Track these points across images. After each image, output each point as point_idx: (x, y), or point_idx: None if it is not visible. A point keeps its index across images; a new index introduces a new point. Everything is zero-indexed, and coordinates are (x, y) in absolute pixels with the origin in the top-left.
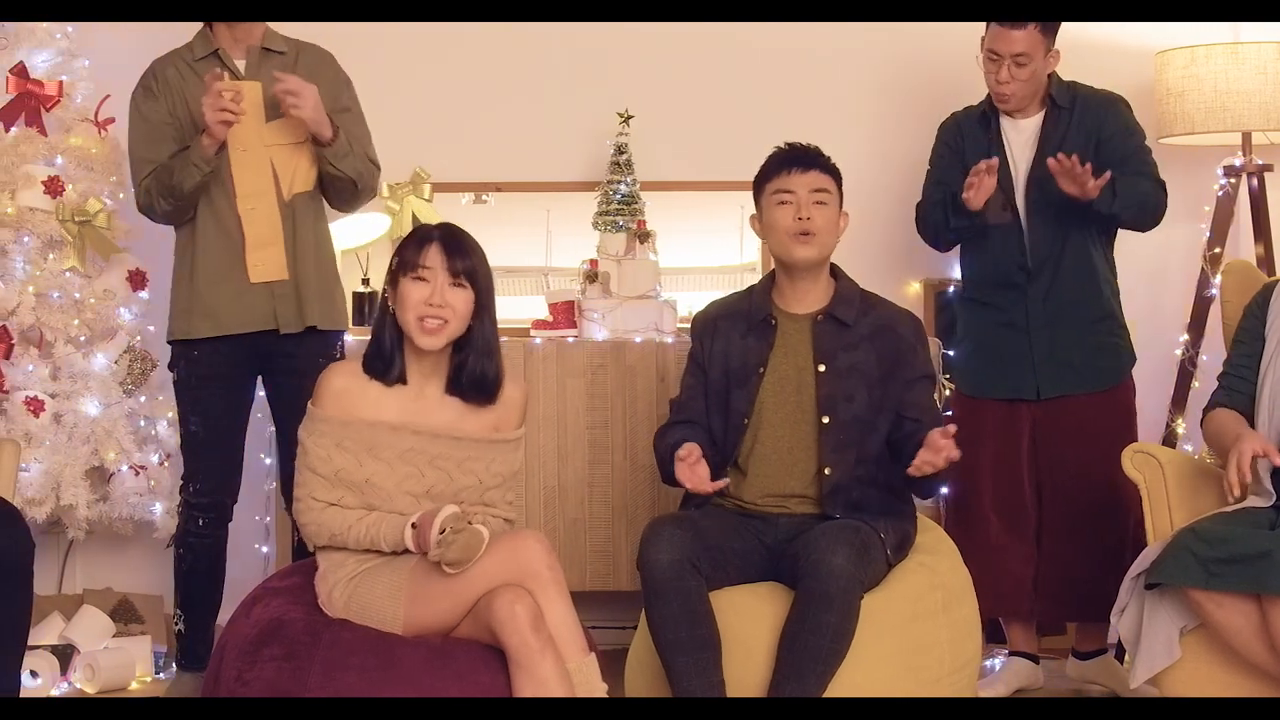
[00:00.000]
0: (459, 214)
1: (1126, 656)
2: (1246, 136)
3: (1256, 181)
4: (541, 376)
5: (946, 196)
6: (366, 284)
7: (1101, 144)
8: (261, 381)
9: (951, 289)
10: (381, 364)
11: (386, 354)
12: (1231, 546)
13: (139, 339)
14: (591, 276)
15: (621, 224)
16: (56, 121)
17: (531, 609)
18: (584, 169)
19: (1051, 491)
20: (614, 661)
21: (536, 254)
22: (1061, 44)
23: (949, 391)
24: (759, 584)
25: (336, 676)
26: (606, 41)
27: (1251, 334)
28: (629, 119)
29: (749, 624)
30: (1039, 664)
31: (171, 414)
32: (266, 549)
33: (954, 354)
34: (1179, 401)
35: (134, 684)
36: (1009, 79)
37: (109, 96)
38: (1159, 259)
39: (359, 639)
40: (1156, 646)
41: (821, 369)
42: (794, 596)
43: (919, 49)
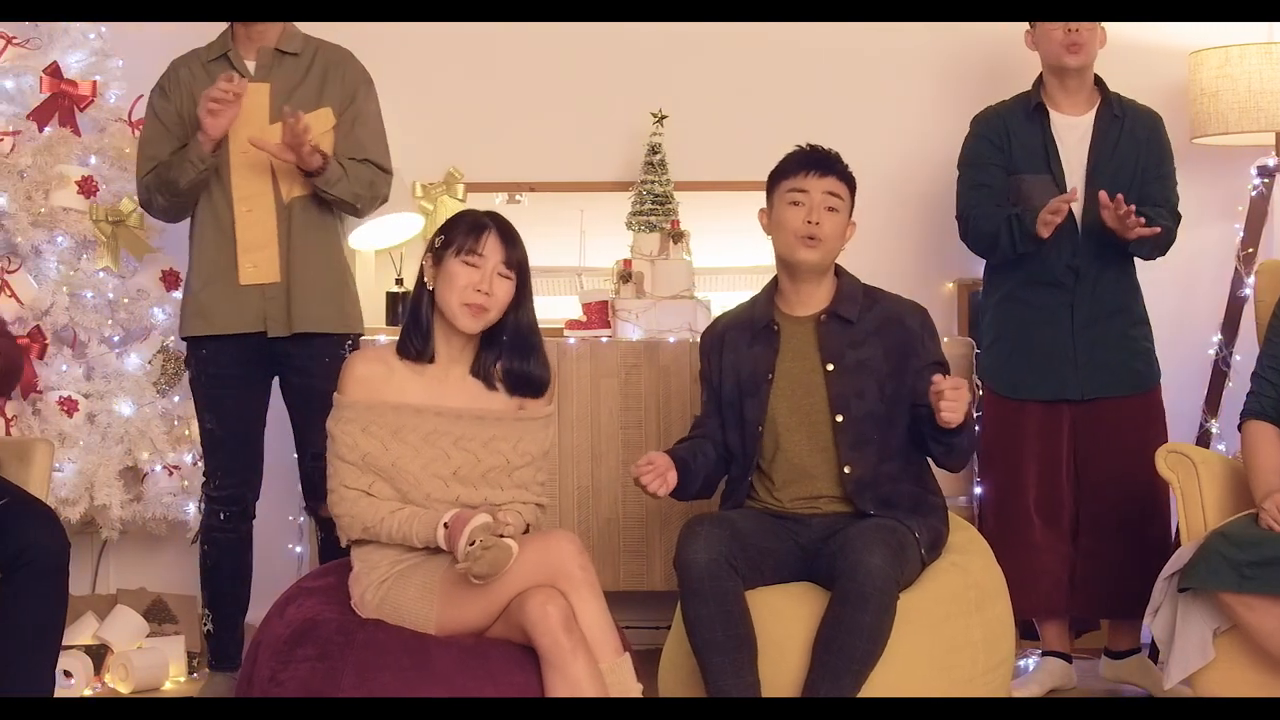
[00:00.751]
0: None
1: (1160, 656)
2: None
3: None
4: (575, 376)
5: (1012, 220)
6: (400, 284)
7: (1142, 159)
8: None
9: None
10: (420, 339)
11: (424, 329)
12: (1264, 549)
13: (172, 339)
14: (625, 276)
15: (655, 224)
16: (90, 121)
17: (563, 609)
18: (618, 169)
19: (1089, 491)
20: (648, 661)
21: (570, 254)
22: None
23: (980, 393)
24: (793, 584)
25: (370, 677)
26: (641, 41)
27: None
28: (663, 119)
29: (784, 624)
30: (1072, 664)
31: None
32: (300, 549)
33: (986, 355)
34: (1213, 401)
35: (168, 684)
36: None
37: (142, 96)
38: (1193, 259)
39: (392, 639)
40: (1190, 647)
41: (830, 368)
42: (830, 597)
43: (954, 50)
